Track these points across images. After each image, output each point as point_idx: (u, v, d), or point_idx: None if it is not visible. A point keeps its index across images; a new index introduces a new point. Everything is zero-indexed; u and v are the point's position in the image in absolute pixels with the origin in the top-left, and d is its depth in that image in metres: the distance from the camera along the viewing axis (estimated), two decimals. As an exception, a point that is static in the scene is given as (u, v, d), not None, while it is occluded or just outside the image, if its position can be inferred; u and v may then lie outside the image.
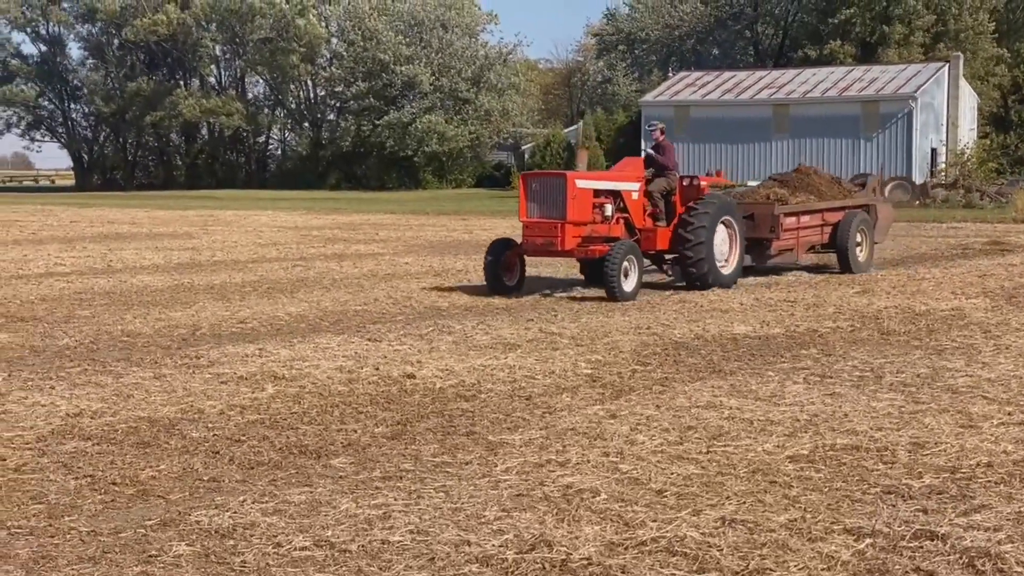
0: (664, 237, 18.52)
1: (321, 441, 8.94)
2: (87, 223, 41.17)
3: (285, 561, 6.25)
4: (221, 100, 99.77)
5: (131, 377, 11.47)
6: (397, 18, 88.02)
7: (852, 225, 21.78)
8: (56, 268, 23.69)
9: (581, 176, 18.29)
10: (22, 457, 8.44)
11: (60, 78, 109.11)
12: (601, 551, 6.36)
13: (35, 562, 6.25)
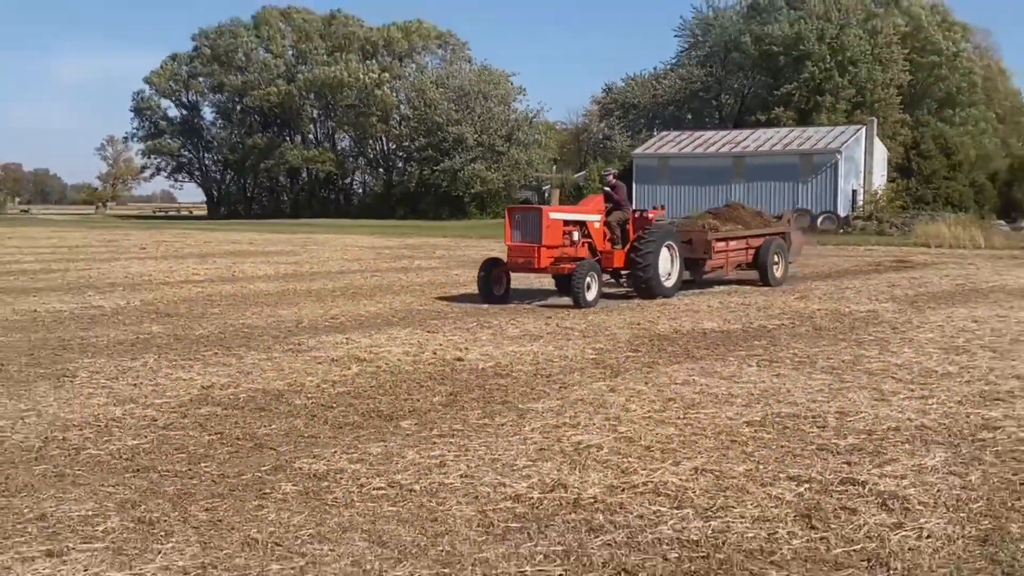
0: (620, 257, 18.32)
1: (392, 408, 8.96)
2: (216, 243, 41.39)
3: (366, 498, 6.28)
4: (318, 151, 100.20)
5: (250, 359, 11.52)
6: (450, 90, 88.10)
7: (770, 249, 21.38)
8: (192, 277, 23.83)
9: (553, 210, 18.26)
10: (169, 418, 8.49)
11: (197, 134, 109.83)
12: (604, 492, 6.38)
13: (179, 497, 6.28)
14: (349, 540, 5.51)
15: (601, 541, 5.51)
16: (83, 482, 6.60)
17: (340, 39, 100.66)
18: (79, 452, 7.36)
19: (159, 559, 5.21)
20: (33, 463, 7.05)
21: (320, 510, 6.03)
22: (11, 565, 5.13)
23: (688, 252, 19.59)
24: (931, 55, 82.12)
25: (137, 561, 5.19)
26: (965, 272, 25.72)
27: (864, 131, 58.81)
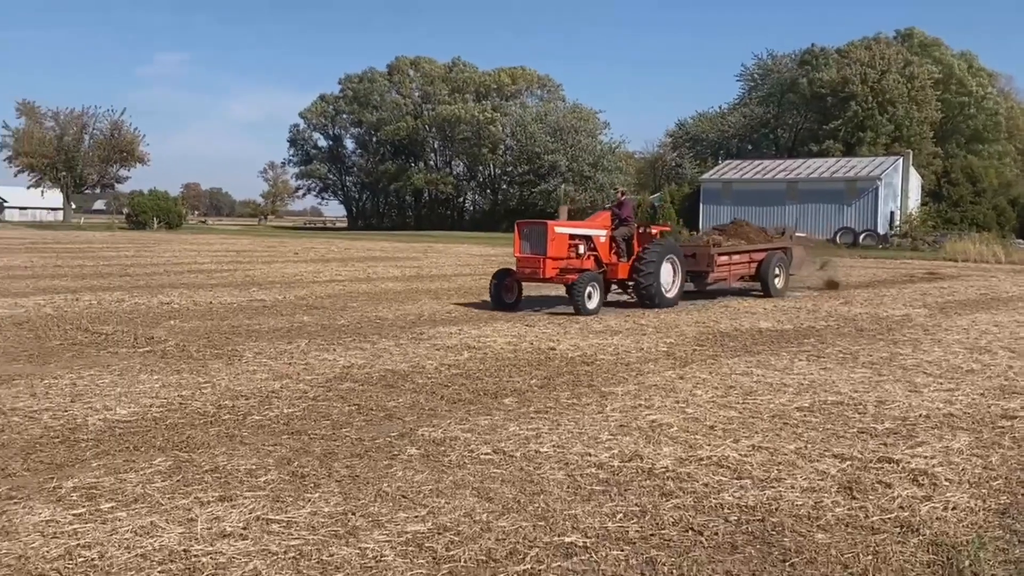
0: (624, 269, 17.03)
1: (497, 387, 9.00)
2: (354, 250, 42.00)
3: (475, 461, 6.32)
4: (438, 175, 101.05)
5: (381, 345, 11.67)
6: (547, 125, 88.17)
7: (772, 262, 19.96)
8: (335, 277, 24.22)
9: (559, 224, 16.81)
10: (317, 392, 8.64)
11: (340, 161, 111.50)
12: (674, 463, 6.34)
13: (325, 456, 6.40)
14: (462, 495, 5.57)
15: (671, 504, 5.48)
16: (248, 442, 6.77)
17: (458, 83, 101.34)
18: (245, 418, 7.54)
19: (309, 506, 5.33)
20: (209, 425, 7.25)
21: (438, 470, 6.10)
22: (192, 507, 5.29)
23: (692, 265, 18.54)
24: (961, 97, 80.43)
25: (292, 507, 5.31)
26: (988, 283, 24.99)
27: (901, 161, 57.36)
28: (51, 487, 5.59)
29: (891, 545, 4.90)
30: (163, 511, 5.19)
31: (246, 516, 5.13)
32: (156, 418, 7.43)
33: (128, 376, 9.22)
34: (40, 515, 5.09)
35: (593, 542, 4.86)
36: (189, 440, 6.77)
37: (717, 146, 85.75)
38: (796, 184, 57.75)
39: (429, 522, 5.09)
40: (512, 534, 4.94)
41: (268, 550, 4.66)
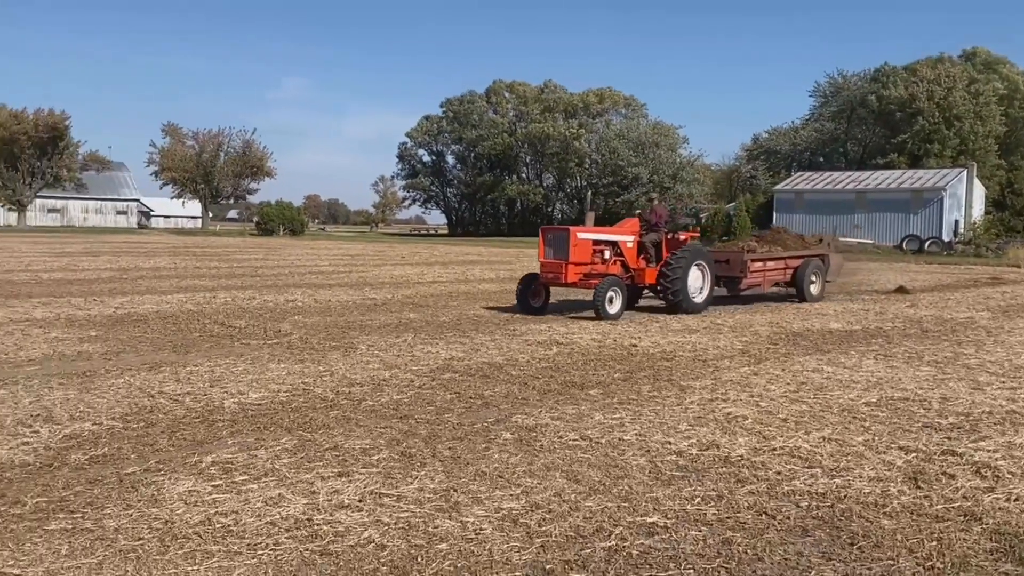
0: (652, 274, 15.82)
1: (583, 380, 8.98)
2: (454, 254, 42.37)
3: (563, 446, 6.32)
4: (530, 186, 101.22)
5: (478, 340, 11.74)
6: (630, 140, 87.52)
7: (807, 269, 18.59)
8: (438, 279, 24.46)
9: (581, 230, 15.57)
10: (422, 381, 8.74)
11: (442, 174, 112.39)
12: (749, 452, 6.24)
13: (430, 438, 6.47)
14: (552, 477, 5.58)
15: (746, 490, 5.40)
16: (363, 424, 6.89)
17: (549, 103, 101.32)
18: (360, 403, 7.67)
19: (416, 482, 5.41)
20: (328, 409, 7.40)
21: (530, 453, 6.12)
22: (314, 480, 5.42)
23: (726, 271, 17.44)
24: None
25: (401, 483, 5.40)
26: (1052, 289, 23.89)
27: (965, 173, 55.34)
28: (193, 461, 5.79)
29: (955, 532, 4.74)
30: (289, 484, 5.33)
31: (361, 490, 5.23)
32: (283, 402, 7.63)
33: (258, 365, 9.47)
34: (183, 486, 5.28)
35: (673, 522, 4.82)
36: (311, 422, 6.93)
37: (790, 159, 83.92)
38: (865, 194, 56.21)
39: (523, 500, 5.12)
40: (598, 513, 4.93)
41: (380, 521, 4.75)
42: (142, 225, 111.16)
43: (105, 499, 5.01)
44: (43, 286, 19.11)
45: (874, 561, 4.36)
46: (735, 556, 4.39)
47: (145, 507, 4.89)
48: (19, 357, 9.69)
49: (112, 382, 8.33)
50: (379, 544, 4.43)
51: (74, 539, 4.41)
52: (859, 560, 4.37)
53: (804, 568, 4.27)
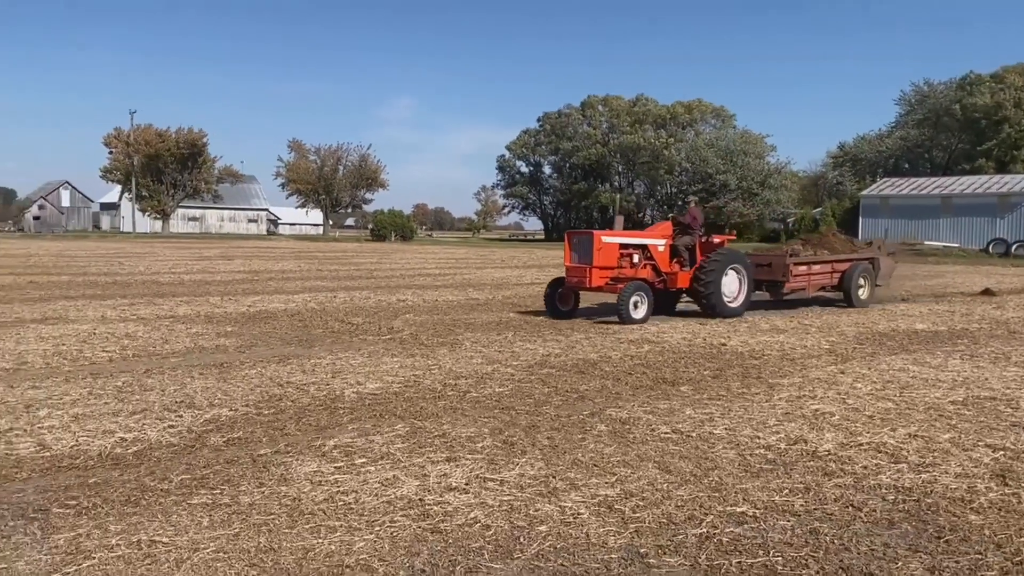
0: (685, 278, 14.51)
1: (674, 376, 8.87)
2: (550, 258, 42.27)
3: (656, 438, 6.26)
4: (621, 194, 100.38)
5: (574, 338, 11.71)
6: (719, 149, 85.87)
7: (855, 273, 17.10)
8: (535, 280, 24.53)
9: (606, 234, 14.35)
10: (521, 375, 8.77)
11: (539, 183, 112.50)
12: (836, 447, 6.05)
13: (529, 428, 6.49)
14: (644, 467, 5.53)
15: (833, 483, 5.25)
16: (468, 414, 6.96)
17: (640, 115, 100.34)
18: (465, 394, 7.75)
19: (517, 468, 5.44)
20: (437, 400, 7.50)
21: (624, 444, 6.08)
22: (424, 464, 5.51)
23: (768, 274, 16.23)
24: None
25: (503, 468, 5.44)
26: None
27: (1052, 178, 52.34)
28: (317, 445, 5.96)
29: (1045, 531, 4.50)
30: (403, 467, 5.44)
31: (467, 474, 5.30)
32: (396, 392, 7.78)
33: (374, 358, 9.68)
34: (309, 467, 5.44)
35: (762, 512, 4.72)
36: (422, 411, 7.04)
37: (875, 165, 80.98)
38: (950, 199, 53.73)
39: (617, 488, 5.09)
40: (690, 502, 4.87)
41: (485, 503, 4.80)
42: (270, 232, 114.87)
43: (240, 477, 5.21)
44: (185, 287, 19.96)
45: (961, 555, 4.18)
46: (822, 545, 4.27)
47: (275, 485, 5.06)
48: (165, 350, 10.15)
49: (246, 372, 8.65)
50: (484, 524, 4.48)
51: (213, 512, 4.60)
52: (946, 553, 4.19)
53: (891, 559, 4.12)
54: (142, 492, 4.91)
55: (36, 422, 6.42)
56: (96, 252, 39.62)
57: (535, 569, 3.96)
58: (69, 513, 4.55)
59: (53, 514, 4.52)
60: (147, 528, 4.35)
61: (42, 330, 11.51)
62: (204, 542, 4.20)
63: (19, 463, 5.44)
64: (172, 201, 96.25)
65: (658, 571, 3.97)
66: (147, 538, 4.22)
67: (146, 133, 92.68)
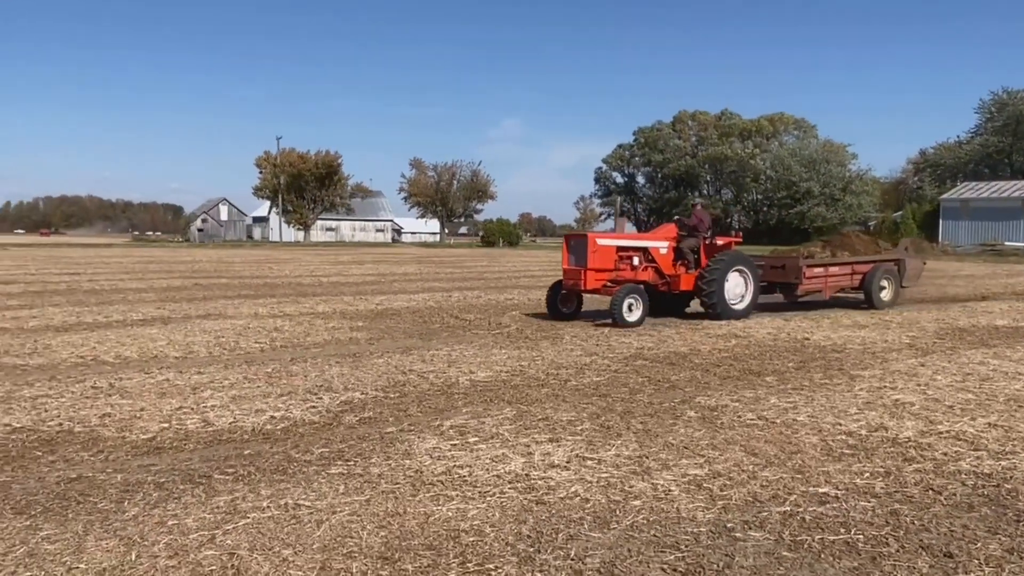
0: (688, 281, 13.24)
1: (759, 368, 8.62)
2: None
3: (742, 424, 6.11)
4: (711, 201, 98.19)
5: (665, 332, 11.52)
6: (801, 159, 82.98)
7: (876, 275, 15.32)
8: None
9: (601, 236, 13.22)
10: (617, 366, 8.70)
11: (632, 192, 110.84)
12: (916, 435, 5.77)
13: (625, 413, 6.43)
14: (732, 450, 5.41)
15: (913, 468, 5.01)
16: (568, 400, 6.96)
17: (726, 128, 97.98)
18: (566, 383, 7.74)
19: (613, 449, 5.42)
20: (540, 387, 7.52)
21: (712, 429, 5.96)
22: (529, 444, 5.55)
23: (781, 276, 14.76)
24: None
25: (600, 449, 5.43)
26: None
27: None
28: (435, 425, 6.08)
29: None
30: (510, 446, 5.49)
31: (568, 454, 5.31)
32: (504, 380, 7.85)
33: (485, 350, 9.80)
34: (429, 444, 5.56)
35: (843, 493, 4.55)
36: (527, 397, 7.08)
37: (955, 171, 76.54)
38: (1031, 201, 50.31)
39: (706, 468, 5.01)
40: (774, 483, 4.74)
41: (584, 479, 4.80)
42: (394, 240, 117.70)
43: (370, 451, 5.37)
44: (323, 287, 20.67)
45: (1042, 539, 3.92)
46: (902, 526, 4.08)
47: (400, 459, 5.20)
48: (307, 341, 10.55)
49: (375, 362, 8.90)
50: (584, 498, 4.48)
51: (348, 481, 4.77)
52: (1027, 537, 3.94)
53: (970, 540, 3.91)
54: (288, 462, 5.13)
55: (201, 402, 6.79)
56: (249, 259, 41.50)
57: (630, 538, 3.94)
58: (228, 479, 4.80)
59: (215, 480, 4.78)
60: (292, 493, 4.55)
61: (205, 324, 12.14)
62: (340, 506, 4.35)
63: (187, 436, 5.77)
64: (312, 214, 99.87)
65: (744, 544, 3.88)
66: (292, 502, 4.41)
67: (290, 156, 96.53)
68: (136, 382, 7.59)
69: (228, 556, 3.71)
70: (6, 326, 11.82)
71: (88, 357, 9.04)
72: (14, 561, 3.64)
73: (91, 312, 13.85)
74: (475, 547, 3.83)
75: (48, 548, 3.78)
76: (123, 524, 4.08)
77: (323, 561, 3.67)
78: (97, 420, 6.15)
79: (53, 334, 10.96)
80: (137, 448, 5.45)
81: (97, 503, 4.37)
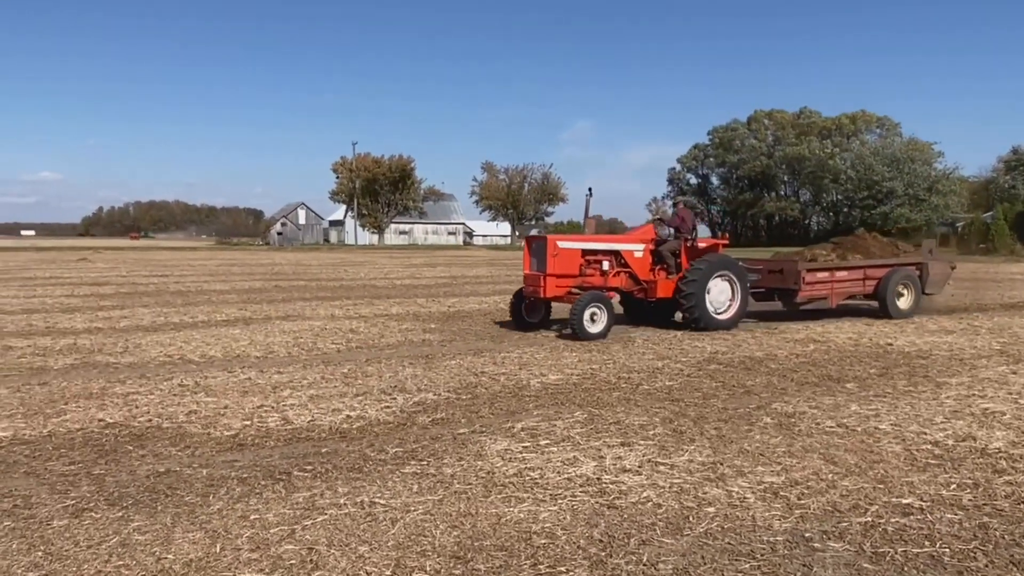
0: (667, 287, 12.01)
1: (839, 374, 8.37)
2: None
3: (820, 432, 5.95)
4: (787, 202, 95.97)
5: (740, 336, 11.29)
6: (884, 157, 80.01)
7: (892, 280, 13.65)
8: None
9: (563, 238, 12.01)
10: (690, 371, 8.58)
11: (706, 194, 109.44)
12: (1007, 445, 5.51)
13: (698, 419, 6.35)
14: (810, 458, 5.28)
15: (1003, 480, 4.79)
16: (640, 404, 6.91)
17: (805, 127, 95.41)
18: (637, 387, 7.69)
19: (686, 455, 5.35)
20: (611, 391, 7.49)
21: (789, 436, 5.82)
22: (601, 447, 5.53)
23: (779, 282, 13.39)
24: None
25: (673, 454, 5.37)
26: None
27: None
28: (507, 426, 6.13)
29: None
30: (581, 449, 5.49)
31: (640, 458, 5.27)
32: (575, 383, 7.84)
33: (555, 353, 9.80)
34: (500, 445, 5.61)
35: (928, 505, 4.39)
36: (598, 400, 7.06)
37: (1051, 169, 72.70)
38: None
39: (783, 476, 4.90)
40: (855, 492, 4.60)
41: (657, 484, 4.75)
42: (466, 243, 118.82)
43: (443, 452, 5.45)
44: (397, 290, 21.04)
45: None
46: (992, 540, 3.91)
47: (472, 460, 5.25)
48: (381, 343, 10.76)
49: (447, 363, 9.02)
50: (656, 503, 4.45)
51: (421, 480, 4.85)
52: None
53: (1068, 559, 3.71)
54: (364, 461, 5.25)
55: (281, 400, 7.01)
56: (325, 261, 42.53)
57: (704, 545, 3.89)
58: (307, 476, 4.94)
59: (294, 476, 4.93)
60: (368, 491, 4.65)
61: (284, 325, 12.52)
62: (414, 505, 4.43)
63: (268, 433, 5.97)
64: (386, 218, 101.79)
65: (822, 555, 3.79)
66: (368, 499, 4.52)
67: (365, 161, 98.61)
68: (220, 380, 7.89)
69: (307, 551, 3.83)
70: (100, 326, 12.44)
71: (175, 356, 9.44)
72: (108, 550, 3.84)
73: (178, 312, 14.45)
74: (547, 549, 3.85)
75: (139, 539, 3.98)
76: (208, 517, 4.25)
77: (397, 559, 3.74)
78: (184, 416, 6.43)
79: (143, 333, 11.48)
80: (221, 444, 5.67)
81: (184, 496, 4.57)
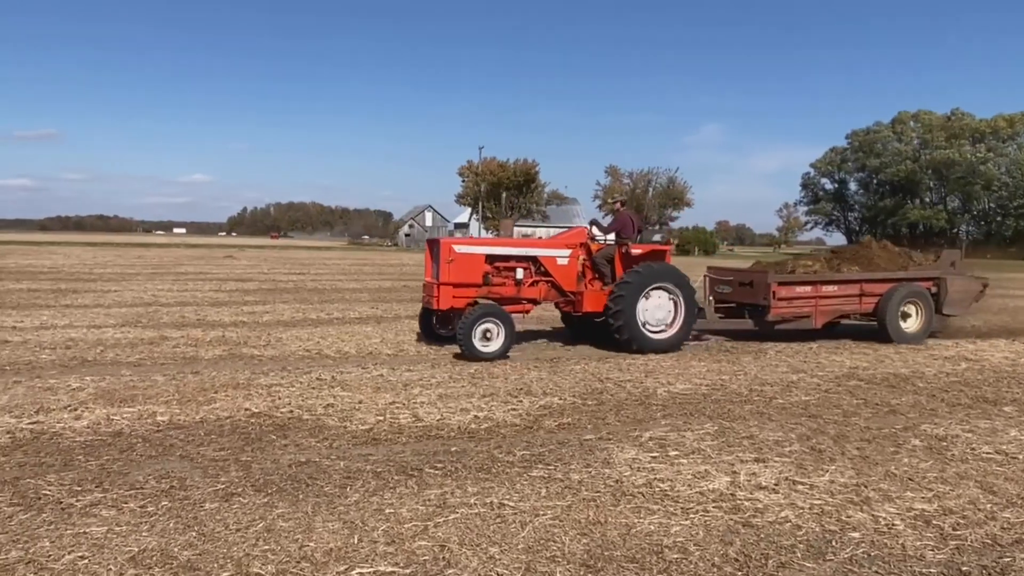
0: (596, 300, 10.44)
1: (996, 396, 7.76)
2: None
3: (976, 457, 5.51)
4: (932, 211, 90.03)
5: (883, 351, 10.65)
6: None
7: (895, 298, 11.62)
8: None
9: (460, 242, 10.55)
10: (828, 385, 8.18)
11: (843, 200, 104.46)
12: None
13: (838, 437, 6.02)
14: (965, 485, 4.91)
15: None
16: (775, 419, 6.65)
17: (955, 130, 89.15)
18: (771, 400, 7.42)
19: (826, 476, 5.09)
20: (743, 403, 7.25)
21: (941, 461, 5.44)
22: (734, 462, 5.34)
23: (749, 297, 11.58)
24: None
25: (812, 474, 5.12)
26: None
27: None
28: (634, 435, 6.03)
29: None
30: (713, 463, 5.33)
31: (776, 476, 5.06)
32: (704, 394, 7.64)
33: (683, 361, 9.59)
34: (628, 454, 5.53)
35: (1107, 547, 3.97)
36: (729, 412, 6.85)
37: None
38: None
39: (935, 504, 4.57)
40: (1018, 526, 4.23)
41: (795, 504, 4.55)
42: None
43: (570, 457, 5.43)
44: (520, 292, 21.21)
45: None
46: None
47: (600, 467, 5.20)
48: (506, 345, 10.85)
49: (572, 368, 9.00)
50: (795, 524, 4.25)
51: (549, 485, 4.85)
52: None
53: None
54: (492, 462, 5.30)
55: (411, 398, 7.20)
56: (450, 263, 43.46)
57: (848, 572, 3.68)
58: (437, 473, 5.05)
59: (425, 473, 5.04)
60: (497, 492, 4.70)
61: (413, 324, 12.86)
62: (543, 509, 4.43)
63: (400, 429, 6.14)
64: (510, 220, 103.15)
65: (983, 593, 3.50)
66: (497, 501, 4.55)
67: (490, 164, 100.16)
68: (354, 376, 8.19)
69: (440, 548, 3.90)
70: (244, 320, 13.22)
71: (313, 351, 9.89)
72: (255, 535, 4.05)
73: (315, 309, 15.16)
74: (679, 564, 3.75)
75: (283, 525, 4.17)
76: (346, 508, 4.41)
77: (527, 562, 3.75)
78: (322, 409, 6.71)
79: (283, 328, 12.10)
80: (356, 437, 5.88)
81: (323, 487, 4.76)
